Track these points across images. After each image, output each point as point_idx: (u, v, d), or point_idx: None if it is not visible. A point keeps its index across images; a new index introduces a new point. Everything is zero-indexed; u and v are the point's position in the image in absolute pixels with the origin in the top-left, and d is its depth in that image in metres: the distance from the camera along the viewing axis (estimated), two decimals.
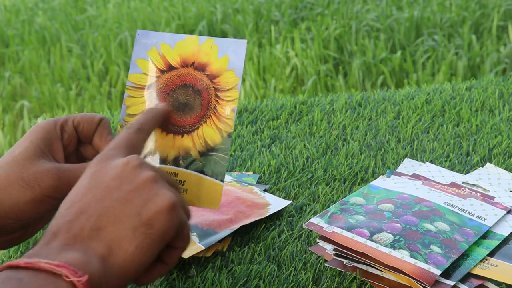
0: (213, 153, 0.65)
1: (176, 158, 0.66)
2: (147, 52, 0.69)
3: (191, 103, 0.67)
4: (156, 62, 0.69)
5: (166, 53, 0.69)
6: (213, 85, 0.67)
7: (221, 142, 0.65)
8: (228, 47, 0.67)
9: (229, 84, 0.66)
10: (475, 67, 2.92)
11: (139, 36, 0.70)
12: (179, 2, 3.88)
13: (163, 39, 0.69)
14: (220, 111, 0.66)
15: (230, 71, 0.66)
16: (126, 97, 0.69)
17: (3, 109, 3.10)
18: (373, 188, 0.78)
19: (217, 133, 0.66)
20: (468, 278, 0.64)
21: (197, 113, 0.67)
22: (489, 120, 1.02)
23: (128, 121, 0.69)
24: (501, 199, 0.77)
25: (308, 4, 3.67)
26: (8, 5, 4.38)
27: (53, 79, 3.27)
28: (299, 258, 0.72)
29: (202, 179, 0.65)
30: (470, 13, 3.29)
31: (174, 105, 0.67)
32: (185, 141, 0.66)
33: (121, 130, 0.68)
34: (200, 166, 0.65)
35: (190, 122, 0.67)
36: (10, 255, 0.78)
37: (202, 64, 0.67)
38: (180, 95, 0.67)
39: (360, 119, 1.06)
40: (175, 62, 0.68)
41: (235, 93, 0.66)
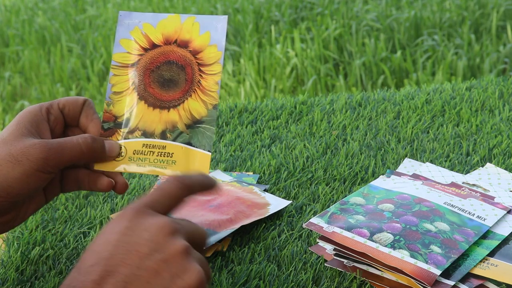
0: (200, 125, 0.67)
1: (163, 131, 0.68)
2: (130, 32, 0.71)
3: (176, 79, 0.69)
4: (139, 41, 0.71)
5: (148, 32, 0.71)
6: (196, 61, 0.69)
7: (207, 114, 0.67)
8: (209, 24, 0.69)
9: (212, 59, 0.68)
10: (475, 67, 2.92)
11: (122, 17, 0.72)
12: (179, 2, 3.88)
13: (145, 19, 0.71)
14: (204, 85, 0.68)
15: (212, 46, 0.68)
16: (111, 76, 0.71)
17: (3, 109, 3.10)
18: (373, 188, 0.78)
19: (202, 106, 0.67)
20: (468, 278, 0.64)
21: (182, 88, 0.69)
22: (489, 120, 1.02)
23: (114, 99, 0.70)
24: (501, 199, 0.77)
25: (308, 4, 3.67)
26: (8, 5, 4.38)
27: (53, 79, 3.27)
28: (299, 258, 0.72)
29: (190, 151, 0.66)
30: (470, 13, 3.29)
31: (159, 81, 0.69)
32: (171, 115, 0.68)
33: (107, 108, 0.70)
34: (187, 138, 0.67)
35: (175, 96, 0.68)
36: (10, 255, 0.78)
37: (185, 41, 0.69)
38: (164, 72, 0.69)
39: (360, 119, 1.06)
40: (158, 40, 0.70)
41: (218, 67, 0.68)
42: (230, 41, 3.42)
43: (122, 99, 0.70)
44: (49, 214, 0.85)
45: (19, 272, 0.75)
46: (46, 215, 0.85)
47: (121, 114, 0.69)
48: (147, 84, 0.69)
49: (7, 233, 0.84)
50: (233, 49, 3.32)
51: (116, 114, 0.70)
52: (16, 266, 0.75)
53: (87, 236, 0.80)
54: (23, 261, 0.76)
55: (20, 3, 4.39)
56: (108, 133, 0.69)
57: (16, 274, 0.74)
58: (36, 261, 0.76)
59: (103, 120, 0.69)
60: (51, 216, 0.84)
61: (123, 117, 0.69)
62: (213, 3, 3.80)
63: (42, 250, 0.78)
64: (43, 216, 0.84)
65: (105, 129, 0.69)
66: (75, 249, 0.77)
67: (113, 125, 0.69)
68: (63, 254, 0.77)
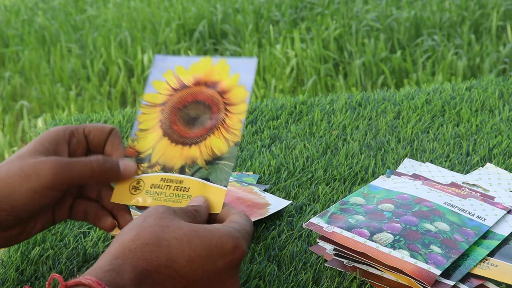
0: (219, 162, 0.67)
1: (182, 167, 0.68)
2: (163, 74, 0.73)
3: (201, 117, 0.70)
4: (171, 82, 0.72)
5: (180, 74, 0.72)
6: (223, 100, 0.69)
7: (228, 151, 0.67)
8: (239, 66, 0.71)
9: (238, 99, 0.69)
10: (475, 67, 2.92)
11: (157, 60, 0.74)
12: (179, 2, 3.88)
13: (179, 62, 0.73)
14: (229, 123, 0.68)
15: (240, 87, 0.69)
16: (139, 114, 0.72)
17: (3, 109, 3.10)
18: (373, 188, 0.78)
19: (224, 143, 0.67)
20: (468, 278, 0.64)
21: (206, 125, 0.69)
22: (489, 120, 1.02)
23: (139, 135, 0.71)
24: (501, 199, 0.77)
25: (308, 4, 3.67)
26: (8, 5, 4.38)
27: (53, 79, 3.27)
28: (299, 258, 0.72)
29: (206, 186, 0.66)
30: (470, 13, 3.29)
31: (184, 119, 0.70)
32: (192, 151, 0.68)
33: (131, 143, 0.71)
34: (205, 173, 0.67)
35: (198, 134, 0.69)
36: (10, 255, 0.78)
37: (214, 82, 0.70)
38: (191, 110, 0.70)
39: (360, 119, 1.06)
40: (188, 81, 0.72)
41: (244, 106, 0.68)
42: (230, 41, 3.42)
43: (147, 136, 0.71)
44: None
45: (19, 272, 0.75)
46: None
47: (144, 150, 0.70)
48: (172, 121, 0.71)
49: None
50: (233, 49, 3.32)
51: (139, 150, 0.70)
52: (16, 266, 0.75)
53: (87, 236, 0.80)
54: (23, 261, 0.76)
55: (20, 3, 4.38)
56: None
57: (16, 274, 0.74)
58: (36, 261, 0.76)
59: (125, 155, 0.70)
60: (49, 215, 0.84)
61: (146, 152, 0.70)
62: (213, 3, 3.80)
63: (42, 250, 0.78)
64: None
65: None
66: (75, 249, 0.77)
67: (135, 160, 0.70)
68: (63, 254, 0.77)
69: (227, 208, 0.64)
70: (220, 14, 3.59)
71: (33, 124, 2.89)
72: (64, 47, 3.51)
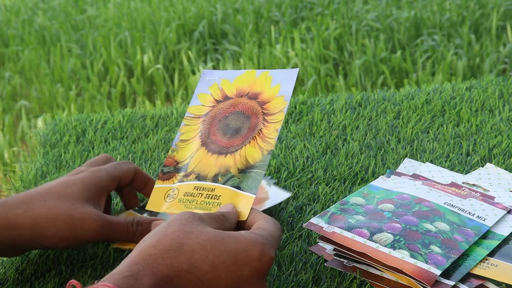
0: (252, 170, 0.68)
1: (215, 175, 0.69)
2: (209, 87, 0.75)
3: (240, 127, 0.71)
4: (215, 94, 0.74)
5: (225, 86, 0.75)
6: (262, 110, 0.71)
7: (261, 160, 0.68)
8: (281, 76, 0.72)
9: (277, 108, 0.70)
10: (475, 67, 2.92)
11: (204, 74, 0.77)
12: (179, 2, 3.88)
13: (224, 75, 0.76)
14: (265, 132, 0.69)
15: (280, 97, 0.71)
16: (182, 125, 0.75)
17: (3, 109, 3.10)
18: (373, 188, 0.78)
19: (259, 152, 0.68)
20: (468, 278, 0.64)
21: (243, 135, 0.70)
22: (489, 120, 1.02)
23: (180, 146, 0.73)
24: (501, 199, 0.77)
25: (308, 4, 3.67)
26: (8, 5, 4.38)
27: (53, 79, 3.27)
28: (299, 258, 0.72)
29: (237, 194, 0.67)
30: (470, 13, 3.29)
31: (223, 130, 0.72)
32: (227, 160, 0.70)
33: (171, 154, 0.73)
34: (237, 182, 0.68)
35: (235, 143, 0.70)
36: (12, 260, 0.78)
37: (256, 93, 0.72)
38: (231, 121, 0.72)
39: (360, 119, 1.06)
40: (231, 93, 0.74)
41: (281, 116, 0.69)
42: (230, 41, 3.42)
43: (187, 146, 0.73)
44: None
45: (19, 272, 0.75)
46: None
47: (182, 159, 0.72)
48: (212, 132, 0.72)
49: None
50: (233, 49, 3.32)
51: (178, 160, 0.72)
52: (16, 266, 0.75)
53: None
54: (23, 261, 0.76)
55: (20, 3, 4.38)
56: (166, 177, 0.72)
57: (16, 274, 0.74)
58: (36, 261, 0.76)
59: (164, 165, 0.72)
60: None
61: (183, 162, 0.72)
62: (213, 3, 3.80)
63: (42, 250, 0.78)
64: None
65: (164, 173, 0.72)
66: (75, 249, 0.77)
67: (173, 170, 0.72)
68: (63, 254, 0.77)
69: (254, 214, 0.64)
70: (220, 14, 3.59)
71: (33, 124, 2.89)
72: (64, 47, 3.51)
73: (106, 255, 0.76)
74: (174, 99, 3.07)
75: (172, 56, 3.37)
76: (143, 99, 3.05)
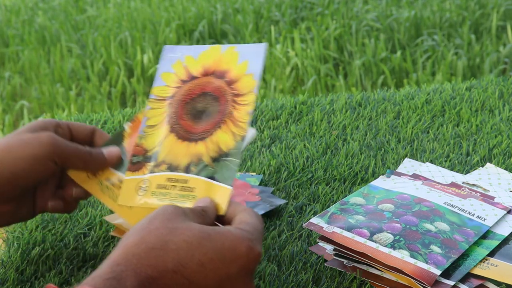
0: (226, 158, 0.63)
1: (188, 165, 0.65)
2: (172, 65, 0.70)
3: (209, 110, 0.66)
4: (179, 73, 0.69)
5: (189, 64, 0.69)
6: (231, 91, 0.65)
7: (234, 146, 0.63)
8: (248, 52, 0.66)
9: (247, 88, 0.65)
10: (475, 67, 2.92)
11: (166, 51, 0.71)
12: (179, 2, 3.88)
13: (188, 52, 0.70)
14: (236, 116, 0.64)
15: (248, 75, 0.65)
16: (147, 109, 0.69)
17: (3, 109, 3.10)
18: (373, 188, 0.78)
19: (231, 137, 0.64)
20: (468, 278, 0.64)
21: (213, 119, 0.65)
22: (489, 120, 1.02)
23: (147, 132, 0.68)
24: (501, 199, 0.77)
25: (308, 4, 3.67)
26: (8, 5, 4.38)
27: (53, 79, 3.27)
28: (299, 258, 0.72)
29: (212, 185, 0.63)
30: (470, 13, 3.29)
31: (191, 113, 0.67)
32: (198, 147, 0.65)
33: (138, 141, 0.68)
34: (211, 172, 0.63)
35: (205, 128, 0.65)
36: (10, 255, 0.78)
37: (222, 71, 0.67)
38: (198, 103, 0.67)
39: (360, 119, 1.06)
40: (196, 72, 0.68)
41: (252, 97, 0.64)
42: (230, 41, 3.42)
43: (155, 133, 0.68)
44: (49, 214, 0.85)
45: (19, 272, 0.75)
46: (46, 215, 0.85)
47: (151, 147, 0.67)
48: (180, 116, 0.67)
49: (7, 233, 0.84)
50: None
51: (146, 147, 0.68)
52: (16, 266, 0.75)
53: (87, 236, 0.80)
54: (23, 261, 0.76)
55: (20, 3, 4.38)
56: (135, 167, 0.67)
57: (16, 274, 0.74)
58: (36, 261, 0.76)
59: (132, 154, 0.68)
60: (51, 216, 0.84)
61: (153, 150, 0.67)
62: (213, 3, 3.80)
63: (42, 250, 0.78)
64: (43, 216, 0.84)
65: (133, 163, 0.67)
66: (75, 249, 0.77)
67: (142, 159, 0.67)
68: (63, 254, 0.77)
69: (234, 207, 0.61)
70: (220, 14, 3.59)
71: None
72: (64, 47, 3.51)
73: (106, 255, 0.76)
74: None
75: None
76: (143, 99, 3.05)
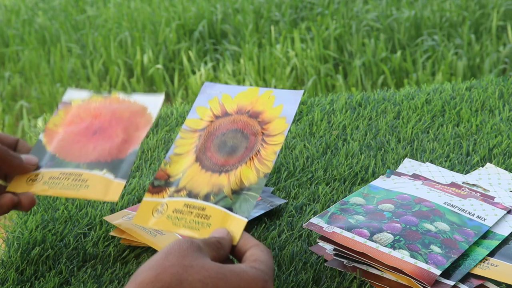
0: (246, 192, 0.65)
1: (207, 194, 0.66)
2: (209, 101, 0.73)
3: (237, 146, 0.69)
4: (214, 109, 0.72)
5: (225, 102, 0.72)
6: (262, 131, 0.69)
7: (256, 182, 0.65)
8: (284, 97, 0.70)
9: (278, 130, 0.68)
10: (475, 67, 2.92)
11: (205, 87, 0.75)
12: (179, 2, 3.88)
13: (226, 90, 0.73)
14: (263, 154, 0.67)
15: (281, 119, 0.69)
16: (177, 138, 0.72)
17: (3, 110, 3.10)
18: (373, 188, 0.78)
19: (254, 174, 0.66)
20: (468, 278, 0.64)
21: (240, 154, 0.68)
22: (489, 120, 1.02)
23: (174, 159, 0.70)
24: (501, 199, 0.77)
25: (308, 4, 3.67)
26: (8, 5, 4.38)
27: (53, 79, 3.27)
28: (299, 258, 0.72)
29: (228, 216, 0.64)
30: (470, 13, 3.29)
31: (219, 146, 0.69)
32: (221, 179, 0.67)
33: (163, 167, 0.70)
34: (229, 203, 0.65)
35: (230, 162, 0.68)
36: (10, 255, 0.78)
37: (257, 112, 0.70)
38: (228, 139, 0.69)
39: (360, 119, 1.06)
40: (231, 109, 0.72)
41: (281, 138, 0.67)
42: (230, 41, 3.42)
43: (180, 161, 0.70)
44: (49, 214, 0.85)
45: (19, 272, 0.75)
46: (46, 215, 0.85)
47: (174, 174, 0.69)
48: (207, 148, 0.70)
49: (7, 233, 0.84)
50: (233, 49, 3.32)
51: (170, 173, 0.69)
52: (16, 266, 0.75)
53: (87, 236, 0.80)
54: (23, 261, 0.76)
55: (20, 3, 4.38)
56: (156, 190, 0.69)
57: (16, 274, 0.74)
58: (36, 261, 0.76)
59: (155, 177, 0.70)
60: (51, 216, 0.84)
61: (175, 177, 0.69)
62: (213, 3, 3.80)
63: (42, 250, 0.78)
64: (43, 216, 0.84)
65: (154, 186, 0.69)
66: (75, 249, 0.77)
67: (164, 184, 0.69)
68: (63, 254, 0.77)
69: (245, 239, 0.61)
70: (220, 14, 3.59)
71: (33, 124, 2.89)
72: (64, 47, 3.51)
73: (106, 255, 0.76)
74: (174, 99, 3.07)
75: (172, 56, 3.37)
76: None
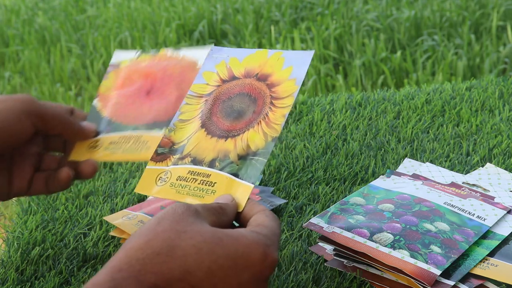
0: (253, 157, 0.63)
1: (213, 160, 0.64)
2: (216, 65, 0.71)
3: (244, 110, 0.66)
4: (221, 73, 0.70)
5: (233, 65, 0.70)
6: (270, 93, 0.66)
7: (264, 147, 0.63)
8: (294, 58, 0.67)
9: (287, 92, 0.65)
10: (475, 67, 2.92)
11: (212, 51, 0.72)
12: (179, 2, 3.88)
13: (233, 54, 0.71)
14: (271, 117, 0.64)
15: (291, 81, 0.66)
16: (183, 104, 0.70)
17: None
18: (373, 188, 0.78)
19: (262, 138, 0.63)
20: (468, 278, 0.64)
21: (247, 119, 0.66)
22: (489, 120, 1.02)
23: (178, 126, 0.68)
24: (501, 199, 0.77)
25: (308, 4, 3.67)
26: (8, 5, 4.38)
27: (53, 79, 3.27)
28: (299, 258, 0.72)
29: (233, 182, 0.62)
30: (470, 13, 3.29)
31: (226, 111, 0.67)
32: (227, 144, 0.65)
33: (167, 134, 0.68)
34: (235, 169, 0.63)
35: (237, 127, 0.65)
36: (10, 255, 0.78)
37: (266, 74, 0.68)
38: (235, 103, 0.67)
39: (360, 119, 1.06)
40: (239, 73, 0.69)
41: (290, 100, 0.65)
42: (230, 41, 3.42)
43: (185, 127, 0.68)
44: (49, 214, 0.85)
45: (19, 272, 0.75)
46: (46, 215, 0.85)
47: (179, 141, 0.67)
48: (213, 112, 0.67)
49: (7, 233, 0.84)
50: None
51: (174, 140, 0.67)
52: (16, 266, 0.75)
53: (87, 236, 0.80)
54: (23, 261, 0.76)
55: (20, 3, 4.38)
56: (159, 158, 0.67)
57: (16, 274, 0.74)
58: (36, 261, 0.76)
59: (159, 145, 0.67)
60: (51, 216, 0.84)
61: (180, 144, 0.67)
62: (213, 3, 3.80)
63: (42, 250, 0.78)
64: (43, 216, 0.85)
65: (158, 154, 0.67)
66: (75, 249, 0.77)
67: (168, 151, 0.67)
68: (63, 254, 0.77)
69: (251, 205, 0.58)
70: (220, 14, 3.59)
71: None
72: (64, 47, 3.51)
73: (106, 255, 0.76)
74: None
75: None
76: None
